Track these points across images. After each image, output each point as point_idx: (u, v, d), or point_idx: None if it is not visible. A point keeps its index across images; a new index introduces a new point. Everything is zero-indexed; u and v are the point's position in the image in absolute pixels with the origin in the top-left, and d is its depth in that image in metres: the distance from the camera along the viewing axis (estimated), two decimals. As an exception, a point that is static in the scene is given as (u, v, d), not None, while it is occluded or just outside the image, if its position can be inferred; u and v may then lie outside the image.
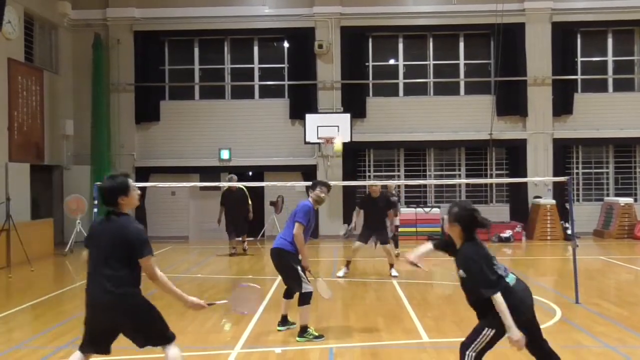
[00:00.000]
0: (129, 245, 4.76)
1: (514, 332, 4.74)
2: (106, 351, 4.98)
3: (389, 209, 12.59)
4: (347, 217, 19.56)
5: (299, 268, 7.49)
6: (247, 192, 15.39)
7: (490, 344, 4.92)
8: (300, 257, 7.54)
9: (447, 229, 5.09)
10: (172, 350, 4.95)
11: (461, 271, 4.96)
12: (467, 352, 4.91)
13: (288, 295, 7.93)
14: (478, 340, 4.90)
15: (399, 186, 19.37)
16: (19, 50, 17.12)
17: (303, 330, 7.48)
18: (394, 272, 12.22)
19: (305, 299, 7.45)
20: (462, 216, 4.92)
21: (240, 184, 14.66)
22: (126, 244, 4.76)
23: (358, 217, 12.66)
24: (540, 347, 5.17)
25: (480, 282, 4.79)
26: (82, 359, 5.01)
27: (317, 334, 7.52)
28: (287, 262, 7.51)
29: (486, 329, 4.90)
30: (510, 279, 4.93)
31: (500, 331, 4.88)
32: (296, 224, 7.46)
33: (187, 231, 19.68)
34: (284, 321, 7.98)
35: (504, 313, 4.72)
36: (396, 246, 14.57)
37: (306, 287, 7.45)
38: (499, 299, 4.74)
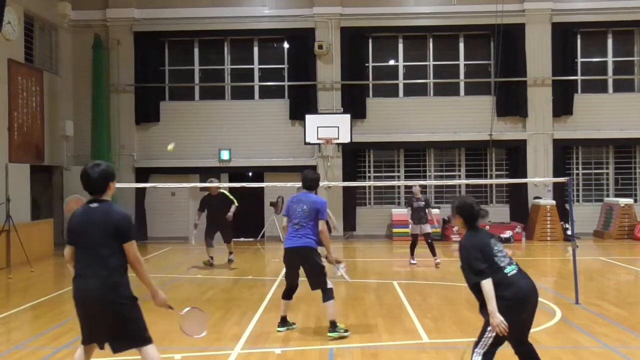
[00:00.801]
0: (118, 230, 4.77)
1: (495, 317, 4.89)
2: (101, 344, 4.93)
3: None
4: (348, 218, 19.58)
5: (324, 265, 7.65)
6: (230, 196, 13.96)
7: (496, 342, 4.99)
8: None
9: (453, 221, 5.50)
10: (152, 350, 4.88)
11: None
12: (475, 350, 5.03)
13: (288, 296, 7.94)
14: (483, 338, 5.02)
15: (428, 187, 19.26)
16: (19, 51, 17.12)
17: (333, 325, 7.54)
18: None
19: (330, 294, 7.56)
20: (462, 208, 5.28)
21: (222, 185, 13.45)
22: (115, 229, 4.77)
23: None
24: (526, 347, 5.23)
25: (469, 268, 5.03)
26: (83, 352, 5.01)
27: (344, 327, 7.62)
28: (315, 260, 7.63)
29: (488, 328, 4.99)
30: (510, 270, 5.06)
31: (506, 319, 4.91)
32: (322, 222, 7.66)
33: (187, 232, 19.65)
34: (284, 322, 7.98)
35: (489, 299, 4.91)
36: (433, 254, 13.52)
37: (330, 283, 7.60)
38: (486, 285, 4.93)
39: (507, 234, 18.31)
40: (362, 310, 9.17)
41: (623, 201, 18.91)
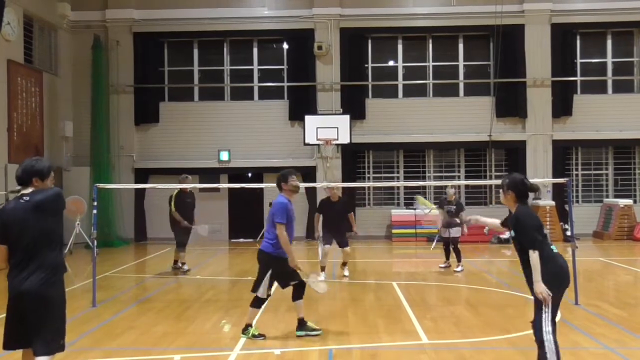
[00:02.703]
0: (51, 204, 4.72)
1: (539, 285, 5.18)
2: (28, 344, 4.71)
3: (347, 213, 12.22)
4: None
5: (270, 272, 7.42)
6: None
7: (556, 306, 5.23)
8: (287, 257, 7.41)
9: (502, 199, 5.58)
10: None
11: (512, 231, 5.41)
12: (543, 329, 5.17)
13: (297, 296, 7.66)
14: (544, 309, 5.20)
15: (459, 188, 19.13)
16: (18, 51, 17.12)
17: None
18: (346, 272, 12.34)
19: (260, 302, 7.55)
20: (513, 184, 5.40)
21: (193, 186, 13.06)
22: (49, 206, 4.71)
23: (319, 222, 12.24)
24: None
25: (526, 237, 5.21)
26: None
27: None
28: (268, 267, 7.43)
29: (542, 306, 5.22)
30: (554, 248, 5.33)
31: (556, 289, 5.19)
32: (278, 225, 7.30)
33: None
34: (302, 325, 7.64)
35: (536, 268, 5.15)
36: (458, 260, 12.91)
37: (262, 293, 7.46)
38: (535, 254, 5.15)
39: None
40: (362, 311, 9.17)
41: (622, 202, 18.91)
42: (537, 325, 5.20)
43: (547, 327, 5.16)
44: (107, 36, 19.71)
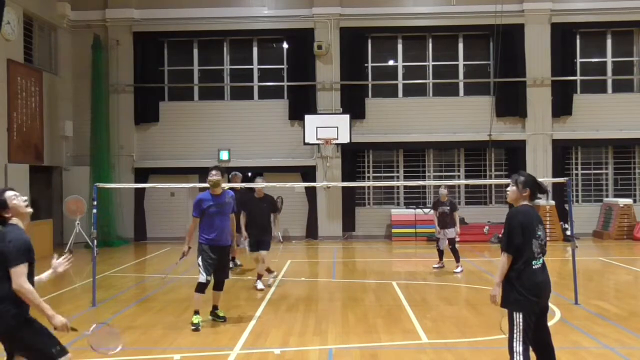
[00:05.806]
0: (4, 255, 4.60)
1: (494, 289, 5.17)
2: None
3: (273, 212, 11.28)
4: (347, 218, 19.58)
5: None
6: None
7: (527, 327, 5.01)
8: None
9: (512, 197, 5.39)
10: None
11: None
12: (514, 349, 5.02)
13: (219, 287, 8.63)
14: (515, 330, 5.03)
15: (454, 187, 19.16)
16: (18, 51, 17.11)
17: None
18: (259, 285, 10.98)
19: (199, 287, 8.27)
20: (531, 183, 5.32)
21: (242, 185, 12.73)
22: (2, 254, 4.60)
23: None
24: (540, 338, 5.22)
25: (504, 237, 5.15)
26: None
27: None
28: None
29: (514, 314, 5.03)
30: (536, 263, 5.11)
31: (527, 308, 5.00)
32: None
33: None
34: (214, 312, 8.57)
35: (500, 271, 5.10)
36: (457, 261, 12.76)
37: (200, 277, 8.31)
38: (503, 258, 5.09)
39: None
40: (362, 311, 9.17)
41: (622, 201, 18.91)
42: (508, 344, 5.07)
43: (517, 347, 5.00)
44: (107, 36, 19.69)
